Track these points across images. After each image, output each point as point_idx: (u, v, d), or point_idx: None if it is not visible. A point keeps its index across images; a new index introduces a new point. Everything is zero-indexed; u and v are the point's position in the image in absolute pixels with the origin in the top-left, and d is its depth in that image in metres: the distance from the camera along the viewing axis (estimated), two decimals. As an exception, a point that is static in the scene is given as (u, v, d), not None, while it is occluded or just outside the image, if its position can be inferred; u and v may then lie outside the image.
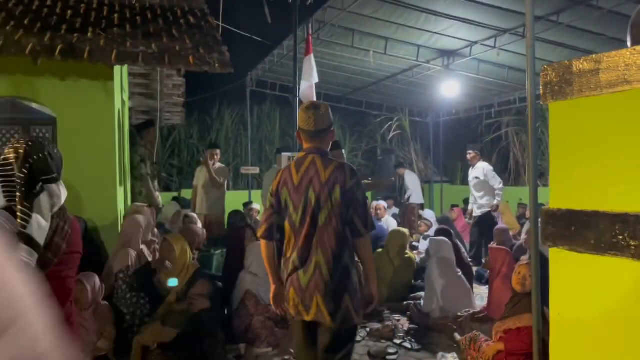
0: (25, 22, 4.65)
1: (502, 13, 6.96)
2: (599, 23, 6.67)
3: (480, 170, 8.01)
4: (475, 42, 8.31)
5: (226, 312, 4.61)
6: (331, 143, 2.88)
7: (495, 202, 7.90)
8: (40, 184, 2.06)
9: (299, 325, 2.78)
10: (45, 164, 2.09)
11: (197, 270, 4.31)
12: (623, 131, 0.90)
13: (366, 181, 4.13)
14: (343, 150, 7.16)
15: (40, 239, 1.96)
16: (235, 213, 6.92)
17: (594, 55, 0.93)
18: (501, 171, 15.17)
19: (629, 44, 1.07)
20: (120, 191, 5.59)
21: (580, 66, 0.94)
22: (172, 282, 4.04)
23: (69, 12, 5.14)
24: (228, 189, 7.97)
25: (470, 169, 8.40)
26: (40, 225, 1.97)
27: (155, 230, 5.70)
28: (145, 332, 3.86)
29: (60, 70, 4.73)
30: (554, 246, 1.01)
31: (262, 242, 2.82)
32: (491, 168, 8.13)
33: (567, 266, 1.00)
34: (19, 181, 2.00)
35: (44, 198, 2.03)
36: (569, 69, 0.97)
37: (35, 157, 2.06)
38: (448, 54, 9.09)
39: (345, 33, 8.35)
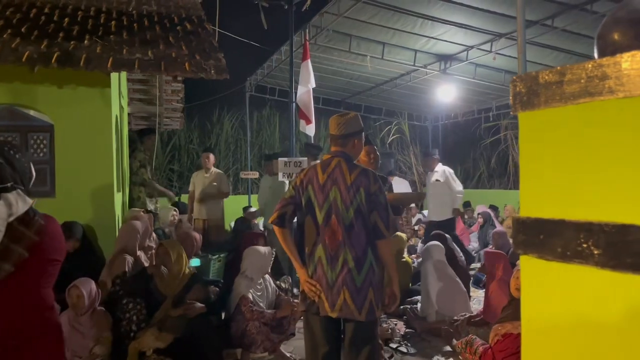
0: (23, 29, 4.69)
1: (497, 18, 7.00)
2: (593, 27, 6.67)
3: (441, 172, 7.58)
4: (472, 47, 8.35)
5: (223, 316, 4.63)
6: (361, 144, 3.02)
7: (455, 206, 7.48)
8: None
9: (316, 322, 2.86)
10: None
11: (194, 275, 4.33)
12: (586, 142, 0.92)
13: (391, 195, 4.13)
14: (375, 147, 7.33)
15: None
16: (242, 220, 6.93)
17: (559, 67, 0.96)
18: (500, 174, 15.19)
19: (595, 55, 1.10)
20: (118, 197, 5.61)
21: (546, 77, 0.97)
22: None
23: (67, 19, 5.18)
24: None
25: (429, 173, 7.97)
26: None
27: (154, 235, 5.72)
28: (141, 337, 3.87)
29: (57, 77, 4.77)
30: (524, 254, 1.04)
31: (276, 229, 2.93)
32: (452, 171, 7.75)
33: (536, 274, 1.02)
34: None
35: None
36: (535, 80, 0.99)
37: None
38: (445, 59, 9.13)
39: (342, 38, 8.40)
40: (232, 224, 8.16)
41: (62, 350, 2.17)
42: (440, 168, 7.62)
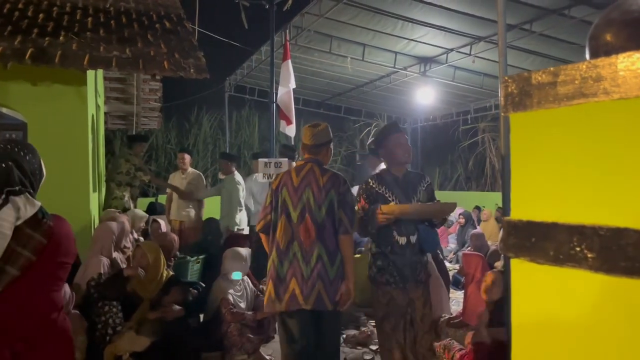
0: (-5, 25, 4.57)
1: (476, 21, 7.05)
2: (571, 32, 6.80)
3: None
4: (451, 50, 8.41)
5: (202, 319, 4.56)
6: (331, 152, 3.32)
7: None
8: (4, 195, 1.87)
9: (290, 318, 3.05)
10: (7, 174, 1.91)
11: (172, 277, 4.26)
12: (579, 144, 0.91)
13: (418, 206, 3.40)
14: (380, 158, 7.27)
15: None
16: (209, 220, 6.80)
17: (552, 68, 0.94)
18: (478, 176, 15.36)
19: (587, 56, 1.09)
20: (94, 197, 5.50)
21: (539, 78, 0.96)
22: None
23: (41, 15, 5.05)
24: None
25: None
26: None
27: (131, 236, 5.60)
28: (117, 341, 3.79)
29: (31, 74, 4.65)
30: (516, 257, 1.02)
31: (263, 236, 3.25)
32: None
33: (527, 277, 1.01)
34: None
35: (5, 211, 1.85)
36: (528, 80, 0.98)
37: None
38: (425, 61, 9.19)
39: (323, 39, 8.39)
40: None
41: (72, 354, 2.16)
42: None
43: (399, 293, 3.28)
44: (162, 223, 6.27)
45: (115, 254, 4.62)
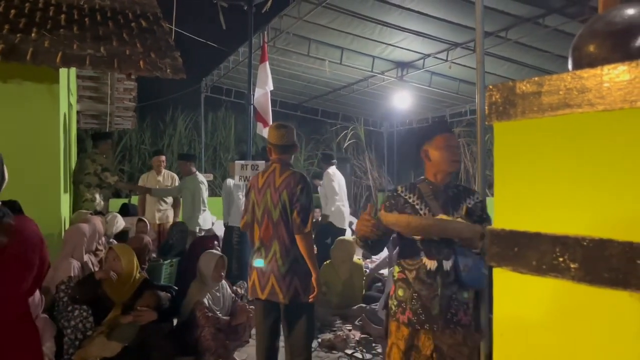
0: (-36, 20, 4.43)
1: (454, 27, 7.13)
2: (545, 40, 6.92)
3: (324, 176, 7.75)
4: (428, 55, 8.47)
5: (175, 323, 4.49)
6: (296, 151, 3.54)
7: (325, 212, 7.52)
8: None
9: (260, 305, 3.41)
10: None
11: (144, 281, 4.19)
12: (563, 154, 0.91)
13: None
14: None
15: None
16: (175, 224, 6.68)
17: (536, 78, 0.94)
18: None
19: (570, 67, 1.10)
20: (64, 198, 5.37)
21: (523, 88, 0.95)
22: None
23: (13, 11, 4.92)
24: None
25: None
26: None
27: (103, 239, 5.49)
28: (88, 346, 3.70)
29: (2, 71, 4.51)
30: (498, 266, 1.02)
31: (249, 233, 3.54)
32: (333, 179, 7.74)
33: (510, 287, 1.01)
34: None
35: None
36: (512, 90, 0.98)
37: None
38: (402, 66, 9.24)
39: (301, 42, 8.36)
40: None
41: (40, 358, 2.10)
42: (330, 171, 7.69)
43: (423, 338, 2.50)
44: (148, 222, 6.19)
45: (86, 257, 4.52)
